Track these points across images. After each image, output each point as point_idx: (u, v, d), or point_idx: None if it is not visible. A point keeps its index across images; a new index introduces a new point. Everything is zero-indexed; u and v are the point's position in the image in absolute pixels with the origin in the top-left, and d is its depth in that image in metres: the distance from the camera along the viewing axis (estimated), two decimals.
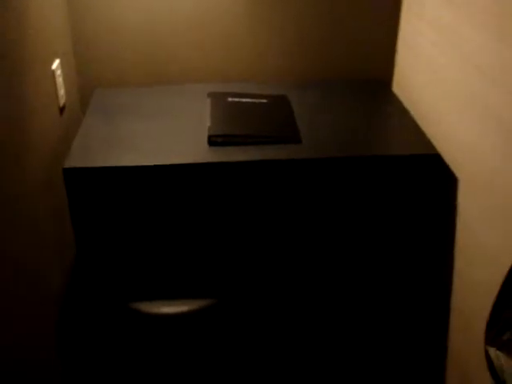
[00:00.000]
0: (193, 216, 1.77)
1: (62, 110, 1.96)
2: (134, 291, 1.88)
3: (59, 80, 1.92)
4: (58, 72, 1.91)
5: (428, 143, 1.83)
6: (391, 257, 1.93)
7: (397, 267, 1.96)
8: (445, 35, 1.80)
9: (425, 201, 1.84)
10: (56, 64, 1.90)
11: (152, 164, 1.66)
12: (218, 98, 1.98)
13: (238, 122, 1.83)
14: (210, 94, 2.03)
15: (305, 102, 2.05)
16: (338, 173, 1.75)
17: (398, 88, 2.23)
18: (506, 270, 1.48)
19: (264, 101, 1.97)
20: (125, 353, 2.03)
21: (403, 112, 2.03)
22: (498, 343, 1.58)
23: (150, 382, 2.09)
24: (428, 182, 1.80)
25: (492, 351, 1.58)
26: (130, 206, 1.74)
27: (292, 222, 1.83)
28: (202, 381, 2.10)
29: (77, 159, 1.70)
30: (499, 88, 1.46)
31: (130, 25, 2.10)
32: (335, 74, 2.26)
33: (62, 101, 1.94)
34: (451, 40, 1.76)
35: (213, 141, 1.77)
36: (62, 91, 1.94)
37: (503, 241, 1.48)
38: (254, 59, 2.19)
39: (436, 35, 1.88)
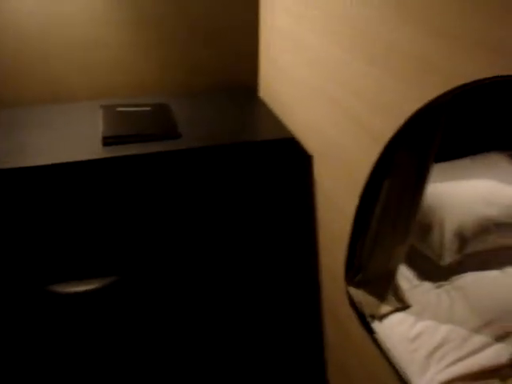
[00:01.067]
0: (95, 204, 2.08)
1: None
2: (44, 274, 2.14)
3: None
4: None
5: (287, 131, 2.25)
6: (265, 227, 2.30)
7: (272, 235, 2.33)
8: (294, 43, 2.22)
9: (290, 175, 2.23)
10: None
11: (51, 163, 1.96)
12: (108, 109, 2.31)
13: (127, 125, 2.17)
14: (102, 106, 2.36)
15: (184, 108, 2.42)
16: (212, 160, 2.13)
17: (263, 92, 2.63)
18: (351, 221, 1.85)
19: (148, 108, 2.32)
20: (35, 331, 2.26)
21: (267, 111, 2.45)
22: (354, 283, 1.97)
23: (60, 361, 2.33)
24: (288, 160, 2.21)
25: (351, 290, 1.96)
26: (35, 199, 2.02)
27: (177, 206, 2.18)
28: (111, 353, 2.37)
29: None
30: (337, 83, 1.87)
31: (26, 50, 2.38)
32: (209, 83, 2.63)
33: None
34: (298, 46, 2.17)
35: (106, 141, 2.09)
36: None
37: (348, 197, 1.85)
38: (137, 76, 2.53)
39: (287, 44, 2.29)
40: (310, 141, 2.16)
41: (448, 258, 2.15)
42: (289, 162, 2.23)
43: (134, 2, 2.37)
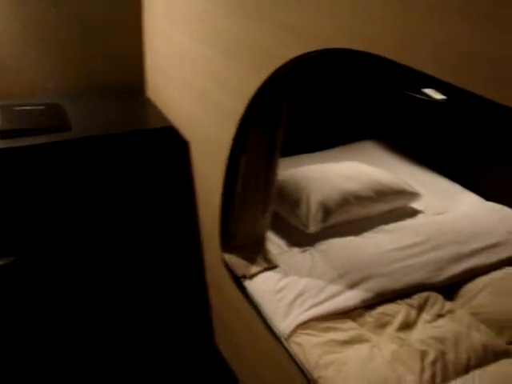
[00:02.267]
0: None
1: None
2: None
3: None
4: None
5: (167, 121, 2.53)
6: (151, 208, 2.58)
7: (157, 214, 2.61)
8: (169, 43, 2.51)
9: (170, 160, 2.52)
10: None
11: None
12: (5, 108, 2.54)
13: (22, 121, 2.41)
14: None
15: (75, 107, 2.66)
16: (100, 148, 2.40)
17: (150, 92, 2.91)
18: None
19: (42, 107, 2.56)
20: None
21: (152, 107, 2.77)
22: (228, 249, 2.27)
23: None
24: (169, 147, 2.50)
25: (226, 255, 2.25)
26: None
27: (68, 191, 2.42)
28: (8, 332, 2.57)
29: None
30: (203, 75, 2.20)
31: None
32: (99, 85, 2.86)
33: None
34: (173, 46, 2.46)
35: (3, 134, 2.32)
36: None
37: (217, 174, 2.14)
38: (30, 78, 2.75)
39: (165, 45, 2.58)
40: (186, 129, 2.46)
41: (313, 226, 2.47)
42: (169, 148, 2.51)
43: (23, 5, 2.57)
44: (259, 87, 1.78)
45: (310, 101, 3.24)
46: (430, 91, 3.18)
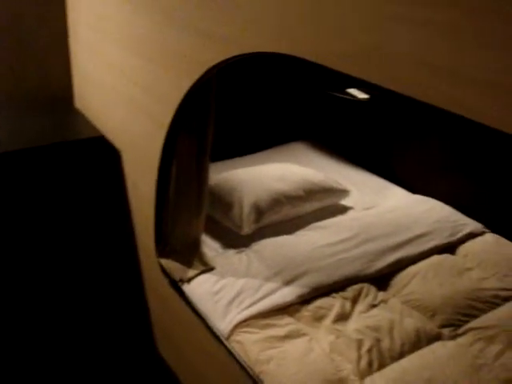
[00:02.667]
0: None
1: None
2: None
3: None
4: None
5: (97, 131, 2.54)
6: (85, 219, 2.58)
7: (91, 226, 2.61)
8: (96, 52, 2.52)
9: (102, 170, 2.52)
10: None
11: None
12: None
13: None
14: None
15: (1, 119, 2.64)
16: (29, 161, 2.38)
17: (78, 103, 2.90)
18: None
19: None
20: None
21: (81, 118, 2.76)
22: (164, 254, 2.29)
23: None
24: (100, 157, 2.50)
25: (162, 260, 2.28)
26: None
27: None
28: None
29: None
30: (132, 83, 2.21)
31: None
32: (27, 96, 2.83)
33: None
34: (99, 54, 2.48)
35: None
36: None
37: (149, 183, 2.17)
38: None
39: (91, 54, 2.59)
40: (117, 138, 2.47)
41: (247, 228, 2.52)
42: (100, 158, 2.52)
43: None
44: (186, 93, 1.81)
45: (238, 104, 3.30)
46: (354, 91, 3.27)
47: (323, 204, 2.82)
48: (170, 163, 2.11)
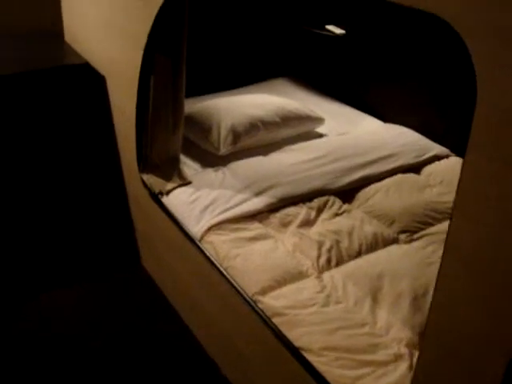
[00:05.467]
0: None
1: None
2: None
3: None
4: None
5: (82, 58, 2.69)
6: (74, 142, 2.76)
7: (80, 148, 2.79)
8: None
9: (88, 95, 2.69)
10: None
11: None
12: None
13: None
14: None
15: None
16: (18, 86, 2.55)
17: (68, 36, 3.05)
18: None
19: None
20: None
21: (69, 49, 2.94)
22: (145, 170, 2.46)
23: None
24: (85, 82, 2.67)
25: (143, 176, 2.45)
26: None
27: None
28: None
29: None
30: (130, 16, 2.36)
31: None
32: (17, 29, 2.96)
33: None
34: None
35: None
36: None
37: (130, 104, 2.35)
38: None
39: None
40: (102, 64, 2.63)
41: (224, 149, 2.70)
42: (86, 84, 2.69)
43: None
44: (158, 10, 1.97)
45: (217, 41, 3.43)
46: (331, 27, 3.40)
47: (298, 131, 2.99)
48: (148, 83, 2.28)
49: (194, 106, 2.89)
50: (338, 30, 3.35)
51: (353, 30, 3.30)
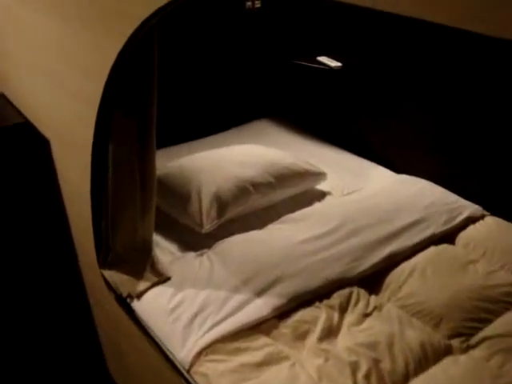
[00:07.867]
0: None
1: None
2: None
3: None
4: None
5: (22, 117, 2.08)
6: (14, 221, 2.12)
7: (22, 230, 2.16)
8: (14, 24, 2.04)
9: (29, 162, 2.07)
10: None
11: None
12: None
13: None
14: None
15: None
16: None
17: (2, 87, 2.42)
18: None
19: None
20: None
21: (4, 103, 2.31)
22: (107, 265, 1.84)
23: None
24: (26, 146, 2.03)
25: (105, 272, 1.83)
26: None
27: None
28: None
29: None
30: (63, 63, 1.72)
31: None
32: None
33: None
34: (19, 27, 1.99)
35: None
36: None
37: (82, 176, 1.71)
38: None
39: (10, 27, 2.10)
40: (45, 126, 2.02)
41: (208, 225, 2.10)
42: (27, 148, 2.08)
43: None
44: (116, 60, 1.35)
45: (192, 79, 2.88)
46: (324, 59, 2.86)
47: (296, 190, 2.41)
48: (106, 150, 1.65)
49: (167, 166, 2.28)
50: (334, 63, 2.79)
51: (350, 62, 2.73)
